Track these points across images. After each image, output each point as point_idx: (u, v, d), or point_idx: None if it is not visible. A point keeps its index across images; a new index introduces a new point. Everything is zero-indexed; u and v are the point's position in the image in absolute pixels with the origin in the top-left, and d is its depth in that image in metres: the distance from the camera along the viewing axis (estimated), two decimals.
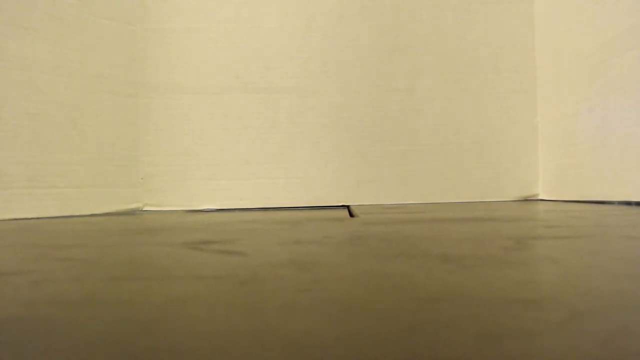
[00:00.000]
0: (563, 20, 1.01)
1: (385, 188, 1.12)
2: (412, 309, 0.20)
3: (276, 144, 1.10)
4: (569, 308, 0.19)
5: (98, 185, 0.99)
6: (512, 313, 0.19)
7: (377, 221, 0.63)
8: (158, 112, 1.09)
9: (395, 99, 1.12)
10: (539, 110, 1.12)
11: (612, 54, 0.83)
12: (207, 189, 1.10)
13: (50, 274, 0.30)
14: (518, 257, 0.32)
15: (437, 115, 1.12)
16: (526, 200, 1.12)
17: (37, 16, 0.89)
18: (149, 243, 0.46)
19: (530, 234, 0.45)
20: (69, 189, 0.94)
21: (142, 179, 1.08)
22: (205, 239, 0.46)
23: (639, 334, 0.16)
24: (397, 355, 0.14)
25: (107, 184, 1.01)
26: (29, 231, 0.62)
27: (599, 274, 0.26)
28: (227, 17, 1.11)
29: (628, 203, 0.81)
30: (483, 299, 0.21)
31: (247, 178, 1.10)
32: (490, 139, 1.12)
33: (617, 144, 0.83)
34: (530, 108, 1.12)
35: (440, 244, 0.38)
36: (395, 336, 0.16)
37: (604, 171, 0.87)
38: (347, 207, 1.05)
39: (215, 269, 0.30)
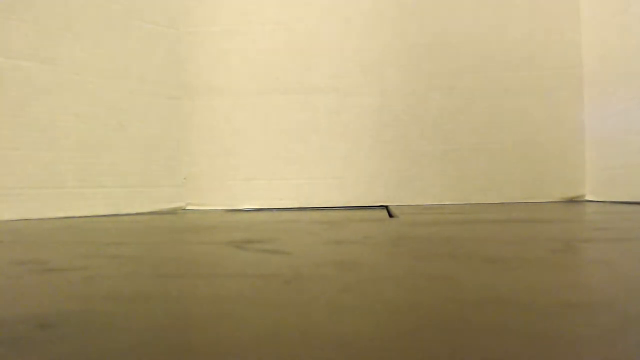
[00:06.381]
0: (611, 14, 0.97)
1: (424, 188, 1.10)
2: (457, 311, 0.19)
3: (315, 144, 1.11)
4: (622, 313, 0.19)
5: (143, 185, 1.02)
6: (562, 317, 0.18)
7: (417, 222, 0.63)
8: (200, 113, 1.12)
9: (434, 98, 1.10)
10: (585, 107, 1.08)
11: None
12: (247, 189, 1.12)
13: (102, 270, 0.31)
14: (567, 259, 0.31)
15: (477, 114, 1.10)
16: (572, 201, 1.08)
17: (86, 22, 0.93)
18: (194, 241, 0.47)
19: (579, 236, 0.43)
20: (116, 188, 0.97)
21: (185, 178, 1.10)
22: (248, 238, 0.46)
23: None
24: (443, 358, 0.14)
25: (152, 183, 1.04)
26: (80, 229, 0.64)
27: None
28: (266, 19, 1.12)
29: None
30: (531, 302, 0.20)
31: (287, 178, 1.11)
32: (534, 138, 1.09)
33: None
34: (576, 105, 1.08)
35: (484, 245, 0.38)
36: (440, 339, 0.16)
37: None
38: (386, 207, 1.05)
39: (259, 268, 0.31)
